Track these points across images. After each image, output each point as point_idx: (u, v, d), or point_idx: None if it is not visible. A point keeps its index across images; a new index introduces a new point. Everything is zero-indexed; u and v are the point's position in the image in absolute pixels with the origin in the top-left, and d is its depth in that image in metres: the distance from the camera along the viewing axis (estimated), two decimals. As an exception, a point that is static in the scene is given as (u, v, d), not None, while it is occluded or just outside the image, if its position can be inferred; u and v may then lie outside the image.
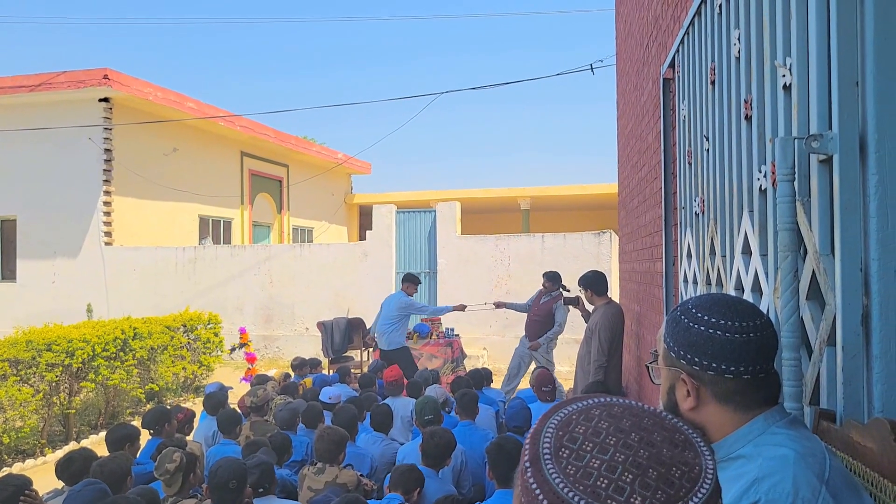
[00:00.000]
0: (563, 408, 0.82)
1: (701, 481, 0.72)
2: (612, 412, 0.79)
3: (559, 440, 0.77)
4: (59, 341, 7.67)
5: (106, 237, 13.62)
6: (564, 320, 8.07)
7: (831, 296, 1.62)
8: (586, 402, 0.82)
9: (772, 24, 2.06)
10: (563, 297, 7.19)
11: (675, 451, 0.74)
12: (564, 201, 20.47)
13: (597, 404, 0.81)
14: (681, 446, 0.75)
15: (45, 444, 7.61)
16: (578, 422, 0.78)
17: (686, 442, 0.76)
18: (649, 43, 5.03)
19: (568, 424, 0.78)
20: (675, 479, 0.71)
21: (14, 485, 3.52)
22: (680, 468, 0.73)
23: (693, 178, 3.31)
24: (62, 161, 13.72)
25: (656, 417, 0.79)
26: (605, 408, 0.80)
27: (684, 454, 0.74)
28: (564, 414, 0.81)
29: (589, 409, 0.80)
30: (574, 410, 0.81)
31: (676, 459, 0.73)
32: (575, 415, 0.80)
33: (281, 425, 5.24)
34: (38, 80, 13.44)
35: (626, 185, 7.06)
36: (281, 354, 12.94)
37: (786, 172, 1.67)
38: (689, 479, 0.72)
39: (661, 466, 0.72)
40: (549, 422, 0.80)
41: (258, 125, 17.32)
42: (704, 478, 0.73)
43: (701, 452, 0.76)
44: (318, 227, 21.11)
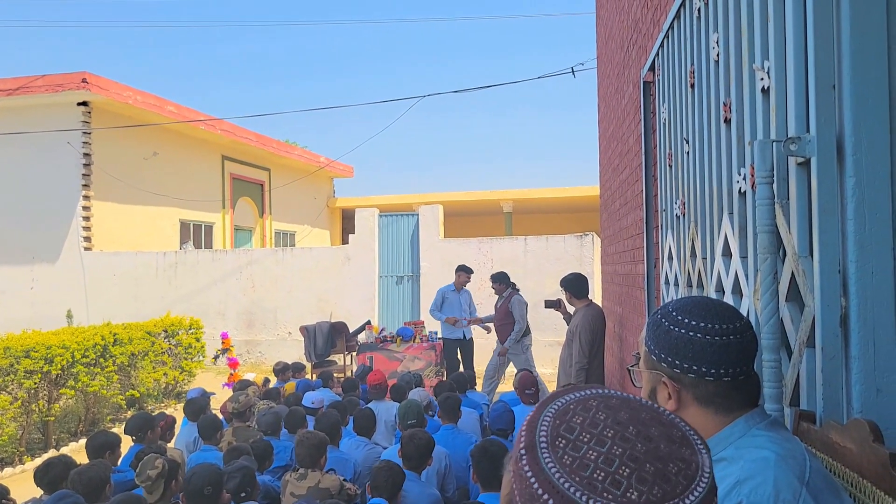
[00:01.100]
0: (561, 397, 0.81)
1: (698, 479, 0.71)
2: (609, 403, 0.78)
3: (556, 429, 0.75)
4: (38, 348, 7.57)
5: (85, 242, 13.47)
6: (523, 315, 8.19)
7: (810, 297, 1.63)
8: (584, 393, 0.81)
9: (750, 27, 2.07)
10: (545, 301, 7.21)
11: (673, 446, 0.73)
12: (547, 204, 20.54)
13: (594, 395, 0.80)
14: (678, 442, 0.74)
15: (24, 452, 7.50)
16: (576, 411, 0.77)
17: (683, 438, 0.75)
18: (629, 46, 5.06)
19: (565, 414, 0.77)
20: (671, 476, 0.70)
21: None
22: (677, 464, 0.71)
23: (674, 181, 3.33)
24: (41, 166, 13.57)
25: (653, 412, 0.78)
26: (602, 399, 0.79)
27: (681, 450, 0.73)
28: (562, 403, 0.79)
29: (587, 400, 0.79)
30: (572, 400, 0.79)
31: (674, 455, 0.72)
32: (573, 404, 0.78)
33: (264, 430, 5.20)
34: (15, 83, 13.29)
35: (608, 187, 7.10)
36: (263, 359, 12.86)
37: (764, 175, 1.69)
38: (686, 476, 0.71)
39: (659, 462, 0.71)
40: (547, 410, 0.79)
41: (239, 129, 17.22)
42: (701, 475, 0.72)
43: (698, 450, 0.75)
44: (300, 231, 21.02)
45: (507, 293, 8.24)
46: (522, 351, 8.18)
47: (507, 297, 8.22)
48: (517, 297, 8.25)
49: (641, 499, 0.67)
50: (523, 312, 8.19)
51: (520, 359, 8.15)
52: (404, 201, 19.32)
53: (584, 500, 0.68)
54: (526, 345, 8.25)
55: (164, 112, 14.55)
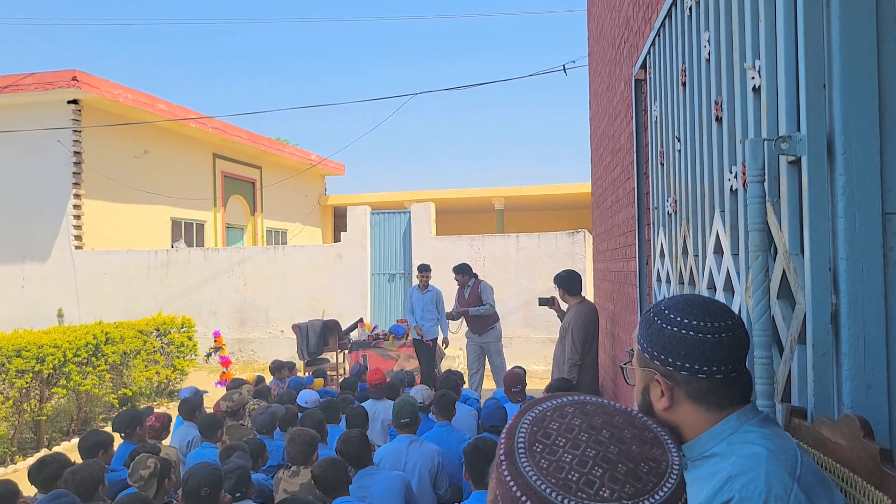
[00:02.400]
0: (538, 405, 0.85)
1: (667, 476, 0.76)
2: (584, 410, 0.82)
3: (533, 435, 0.80)
4: (29, 347, 7.53)
5: (76, 241, 13.41)
6: (491, 299, 8.37)
7: (801, 295, 1.64)
8: (561, 400, 0.85)
9: (741, 26, 2.09)
10: (539, 298, 7.26)
11: (644, 447, 0.78)
12: (539, 201, 20.57)
13: (571, 402, 0.84)
14: (649, 443, 0.79)
15: (16, 451, 7.48)
16: (552, 418, 0.81)
17: (655, 440, 0.80)
18: (621, 44, 5.07)
19: (542, 420, 0.81)
20: (642, 474, 0.75)
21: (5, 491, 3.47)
22: (648, 464, 0.76)
23: (665, 179, 3.34)
24: (31, 164, 13.49)
25: (627, 416, 0.82)
26: (578, 405, 0.83)
27: (653, 451, 0.78)
28: (539, 410, 0.84)
29: (563, 407, 0.83)
30: (549, 407, 0.84)
31: (645, 455, 0.77)
32: (549, 411, 0.83)
33: (259, 429, 5.20)
34: (4, 81, 13.20)
35: (600, 185, 7.11)
36: (256, 357, 12.85)
37: (756, 173, 1.70)
38: (656, 474, 0.76)
39: (630, 462, 0.76)
40: (524, 418, 0.83)
41: (230, 127, 17.17)
42: (670, 473, 0.77)
43: (668, 450, 0.80)
44: (292, 229, 20.98)
45: (473, 282, 8.38)
46: (497, 338, 8.34)
47: (475, 284, 8.36)
48: (485, 283, 8.44)
49: (613, 496, 0.72)
50: (491, 296, 8.39)
51: (496, 345, 8.31)
52: (396, 199, 19.31)
53: (560, 500, 0.73)
54: (499, 331, 8.39)
55: (155, 110, 14.49)
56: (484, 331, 8.29)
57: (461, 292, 8.49)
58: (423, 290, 8.97)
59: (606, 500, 0.72)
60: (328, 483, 3.61)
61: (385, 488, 3.77)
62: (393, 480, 3.91)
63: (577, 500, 0.72)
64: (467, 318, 8.38)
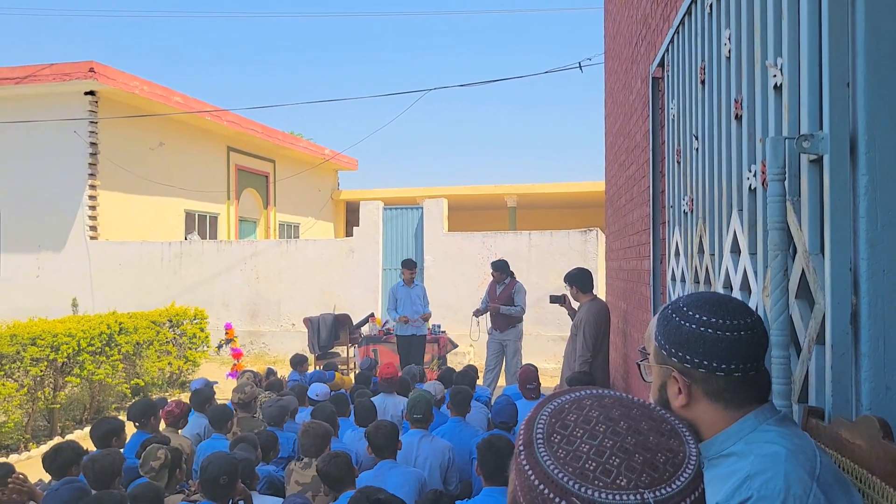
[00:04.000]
0: (557, 397, 0.87)
1: (684, 466, 0.77)
2: (602, 402, 0.84)
3: (552, 426, 0.81)
4: (44, 336, 7.60)
5: (91, 231, 13.50)
6: (524, 301, 8.33)
7: (821, 295, 1.63)
8: (579, 393, 0.87)
9: (763, 24, 2.07)
10: (550, 296, 7.25)
11: (661, 438, 0.79)
12: (551, 199, 20.52)
13: (589, 395, 0.86)
14: (666, 435, 0.80)
15: (30, 438, 7.54)
16: (570, 410, 0.83)
17: (672, 431, 0.81)
18: (638, 42, 5.04)
19: (561, 412, 0.83)
20: (659, 464, 0.76)
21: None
22: (665, 454, 0.77)
23: (682, 177, 3.33)
24: (47, 155, 13.58)
25: (645, 408, 0.84)
26: (596, 398, 0.85)
27: (670, 442, 0.79)
28: (558, 403, 0.85)
29: (581, 399, 0.85)
30: (567, 400, 0.86)
31: (662, 446, 0.78)
32: (568, 404, 0.85)
33: (269, 421, 5.23)
34: (23, 72, 13.29)
35: (614, 183, 7.09)
36: (267, 350, 12.90)
37: (776, 172, 1.69)
38: (673, 464, 0.77)
39: (647, 452, 0.77)
40: (543, 409, 0.85)
41: (245, 120, 17.22)
42: (687, 463, 0.78)
43: (685, 441, 0.81)
44: (304, 223, 21.04)
45: (508, 280, 8.36)
46: (517, 337, 8.33)
47: (510, 283, 8.33)
48: (520, 285, 8.39)
49: (630, 485, 0.74)
50: (524, 300, 8.36)
51: (515, 344, 8.30)
52: (409, 195, 19.31)
53: (577, 488, 0.74)
54: (520, 331, 8.38)
55: (171, 102, 14.55)
56: (505, 328, 8.27)
57: (493, 288, 8.46)
58: (410, 286, 8.95)
59: (623, 489, 0.73)
60: (332, 477, 3.63)
61: (400, 482, 3.78)
62: (409, 475, 3.91)
63: (594, 488, 0.74)
64: (493, 314, 8.35)
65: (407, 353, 8.78)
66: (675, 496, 0.74)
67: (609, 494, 0.73)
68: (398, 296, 8.90)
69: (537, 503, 0.76)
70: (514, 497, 0.81)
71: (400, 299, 8.86)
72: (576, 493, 0.74)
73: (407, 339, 8.84)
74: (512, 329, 8.30)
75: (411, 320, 8.72)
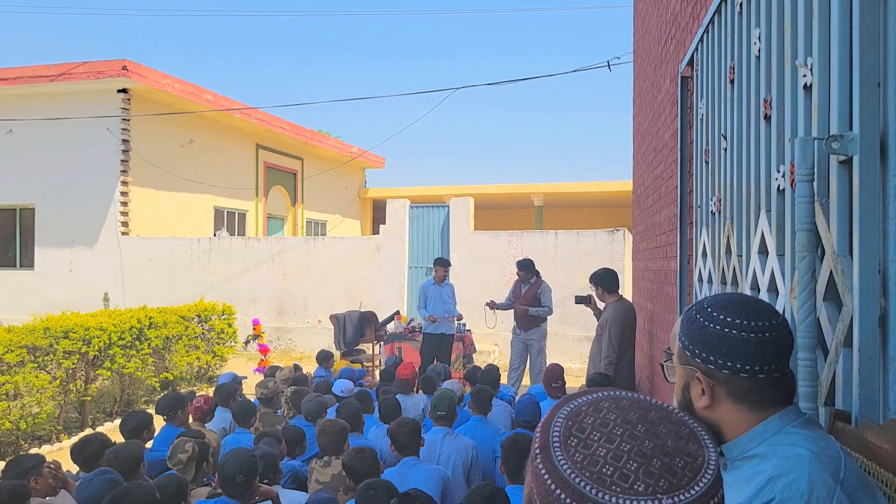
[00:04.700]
0: (574, 399, 0.86)
1: (703, 472, 0.76)
2: (620, 405, 0.82)
3: (568, 429, 0.80)
4: (76, 329, 7.75)
5: (122, 227, 13.73)
6: (550, 301, 8.30)
7: (849, 297, 1.61)
8: (596, 395, 0.85)
9: (793, 23, 2.05)
10: (575, 296, 7.22)
11: (680, 442, 0.78)
12: (578, 198, 20.41)
13: (606, 397, 0.84)
14: (685, 439, 0.79)
15: (62, 430, 7.69)
16: (587, 413, 0.82)
17: (691, 435, 0.80)
18: (667, 41, 5.01)
19: (577, 415, 0.82)
20: (678, 469, 0.75)
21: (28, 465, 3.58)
22: (683, 458, 0.76)
23: (710, 177, 3.30)
24: (80, 151, 13.83)
25: (663, 411, 0.82)
26: (613, 401, 0.83)
27: (688, 446, 0.78)
28: (574, 405, 0.84)
29: (598, 402, 0.83)
30: (584, 402, 0.84)
31: (680, 450, 0.77)
32: (584, 406, 0.83)
33: (307, 416, 5.28)
34: (58, 70, 13.55)
35: (641, 182, 7.04)
36: (293, 346, 13.01)
37: (805, 173, 1.67)
38: (692, 469, 0.75)
39: (665, 456, 0.75)
40: (560, 412, 0.84)
41: (274, 118, 17.37)
42: (706, 469, 0.76)
43: (705, 445, 0.79)
44: (331, 221, 21.17)
45: (534, 280, 8.32)
46: (542, 337, 8.29)
47: (536, 283, 8.29)
48: (546, 284, 8.35)
49: (648, 490, 0.72)
50: (551, 300, 8.33)
51: (539, 344, 8.26)
52: (435, 193, 19.33)
53: (594, 494, 0.73)
54: (545, 330, 8.34)
55: (201, 100, 14.73)
56: (530, 327, 8.24)
57: (518, 287, 8.43)
58: (441, 284, 8.93)
59: (641, 495, 0.72)
60: (357, 472, 3.65)
61: (423, 479, 3.80)
62: (432, 473, 3.93)
63: (612, 493, 0.73)
64: (517, 313, 8.33)
65: (432, 352, 8.74)
66: (695, 502, 0.73)
67: (627, 500, 0.72)
68: (428, 293, 8.88)
69: None
70: (531, 499, 0.81)
71: (430, 297, 8.84)
72: (593, 498, 0.73)
73: (436, 338, 8.82)
74: (536, 328, 8.27)
75: (440, 319, 8.71)
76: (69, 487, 3.70)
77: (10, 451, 6.92)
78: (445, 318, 8.77)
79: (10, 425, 6.87)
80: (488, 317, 8.99)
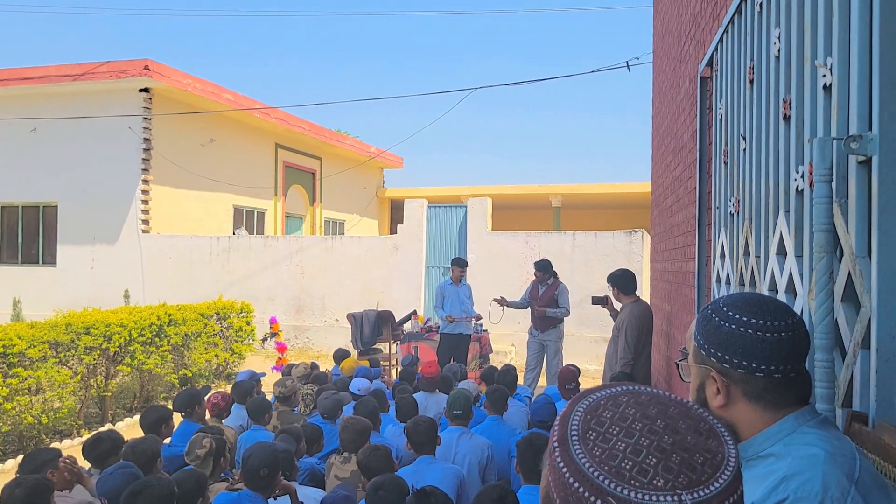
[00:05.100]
0: (592, 393, 0.85)
1: (723, 468, 0.75)
2: (639, 399, 0.81)
3: (587, 423, 0.79)
4: (98, 325, 7.84)
5: (143, 225, 13.87)
6: (568, 303, 8.27)
7: (867, 298, 1.61)
8: (615, 389, 0.84)
9: (813, 23, 2.04)
10: (592, 297, 7.20)
11: (700, 438, 0.77)
12: (596, 199, 20.34)
13: (625, 392, 0.84)
14: (705, 434, 0.78)
15: (82, 425, 7.79)
16: (606, 407, 0.81)
17: (710, 431, 0.79)
18: (687, 41, 4.98)
19: (596, 409, 0.81)
20: (697, 465, 0.74)
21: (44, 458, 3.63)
22: (703, 454, 0.75)
23: (728, 178, 3.28)
24: (103, 149, 14.00)
25: (682, 407, 0.81)
26: (632, 395, 0.83)
27: (708, 442, 0.77)
28: (593, 399, 0.83)
29: (617, 396, 0.83)
30: (602, 396, 0.83)
31: (700, 446, 0.76)
32: (603, 400, 0.82)
33: (323, 413, 5.30)
34: (81, 69, 13.72)
35: (660, 183, 7.01)
36: (311, 345, 13.07)
37: (823, 173, 1.67)
38: (712, 465, 0.74)
39: (685, 452, 0.74)
40: (578, 405, 0.83)
41: (293, 118, 17.47)
42: (726, 465, 0.75)
43: (724, 441, 0.78)
44: (349, 220, 21.25)
45: (552, 281, 8.31)
46: (558, 338, 8.27)
47: (553, 284, 8.28)
48: (563, 285, 8.33)
49: (667, 486, 0.71)
50: (568, 301, 8.31)
51: (556, 345, 8.24)
52: (453, 193, 19.35)
53: (612, 488, 0.72)
54: (561, 331, 8.32)
55: (222, 100, 14.85)
56: (546, 328, 8.22)
57: (536, 288, 8.42)
58: (458, 285, 8.92)
59: (660, 490, 0.71)
60: (372, 470, 3.67)
61: (439, 478, 3.81)
62: (447, 471, 3.94)
63: (630, 487, 0.72)
64: (534, 314, 8.32)
65: (448, 352, 8.74)
66: (714, 498, 0.72)
67: (646, 495, 0.71)
68: (445, 293, 8.88)
69: (571, 501, 0.75)
70: (548, 492, 0.80)
71: (447, 297, 8.85)
72: (612, 492, 0.72)
73: (453, 338, 8.82)
74: (553, 329, 8.25)
75: (457, 319, 8.72)
76: (84, 482, 3.75)
77: (31, 444, 7.02)
78: (463, 318, 8.77)
79: (32, 419, 6.97)
80: (494, 312, 8.97)
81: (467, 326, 8.92)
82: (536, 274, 8.39)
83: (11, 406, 6.73)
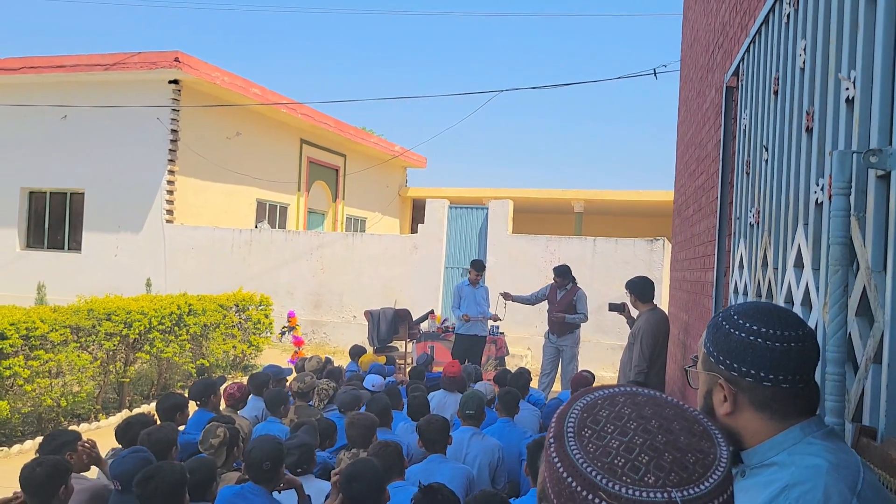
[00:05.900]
0: (591, 393, 0.87)
1: (714, 468, 0.77)
2: (635, 400, 0.84)
3: (583, 421, 0.82)
4: (119, 312, 7.95)
5: (167, 215, 14.03)
6: (586, 308, 8.25)
7: (880, 313, 1.60)
8: (613, 390, 0.87)
9: (839, 36, 2.03)
10: (609, 303, 7.18)
11: (693, 439, 0.79)
12: (619, 206, 20.24)
13: (622, 392, 0.86)
14: (698, 436, 0.80)
15: (100, 409, 7.91)
16: (603, 406, 0.83)
17: (704, 433, 0.81)
18: (714, 50, 4.96)
19: (593, 407, 0.84)
20: (688, 464, 0.76)
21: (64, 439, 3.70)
22: (695, 454, 0.77)
23: (750, 189, 3.27)
24: (130, 139, 14.18)
25: (678, 409, 0.83)
26: (629, 396, 0.85)
27: (701, 443, 0.79)
28: (591, 398, 0.86)
29: (614, 396, 0.85)
30: (600, 396, 0.86)
31: (693, 447, 0.78)
32: (600, 399, 0.85)
33: (340, 408, 5.34)
34: (112, 59, 13.91)
35: (683, 192, 6.97)
36: (328, 340, 13.14)
37: (842, 186, 1.66)
38: (703, 465, 0.76)
39: (677, 451, 0.77)
40: (576, 404, 0.86)
41: (318, 114, 17.58)
42: (717, 466, 0.77)
43: (717, 443, 0.80)
44: (371, 218, 21.33)
45: (570, 286, 8.29)
46: (574, 343, 8.25)
47: (572, 289, 8.26)
48: (582, 291, 8.31)
49: (658, 483, 0.74)
50: (586, 307, 8.29)
51: (571, 350, 8.22)
52: (475, 195, 19.35)
53: (604, 483, 0.75)
54: (578, 336, 8.30)
55: (249, 94, 14.97)
56: (563, 333, 8.20)
57: (554, 293, 8.41)
58: (475, 286, 8.94)
59: (650, 487, 0.73)
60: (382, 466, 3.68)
61: (449, 477, 3.82)
62: (457, 471, 3.95)
63: (622, 484, 0.74)
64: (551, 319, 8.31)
65: (463, 353, 8.75)
66: (703, 497, 0.74)
67: (637, 491, 0.73)
68: (462, 294, 8.91)
69: (565, 495, 0.77)
70: (543, 488, 0.82)
71: (464, 298, 8.87)
72: (603, 487, 0.74)
73: (468, 339, 8.83)
74: (569, 335, 8.23)
75: (473, 319, 8.73)
76: (102, 465, 3.81)
77: (49, 427, 7.13)
78: (479, 318, 8.78)
79: (52, 402, 7.09)
80: (498, 307, 8.97)
81: (482, 328, 8.93)
82: (555, 279, 8.38)
83: (32, 388, 6.84)
